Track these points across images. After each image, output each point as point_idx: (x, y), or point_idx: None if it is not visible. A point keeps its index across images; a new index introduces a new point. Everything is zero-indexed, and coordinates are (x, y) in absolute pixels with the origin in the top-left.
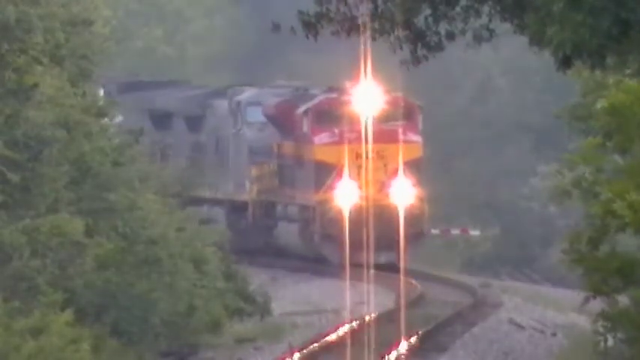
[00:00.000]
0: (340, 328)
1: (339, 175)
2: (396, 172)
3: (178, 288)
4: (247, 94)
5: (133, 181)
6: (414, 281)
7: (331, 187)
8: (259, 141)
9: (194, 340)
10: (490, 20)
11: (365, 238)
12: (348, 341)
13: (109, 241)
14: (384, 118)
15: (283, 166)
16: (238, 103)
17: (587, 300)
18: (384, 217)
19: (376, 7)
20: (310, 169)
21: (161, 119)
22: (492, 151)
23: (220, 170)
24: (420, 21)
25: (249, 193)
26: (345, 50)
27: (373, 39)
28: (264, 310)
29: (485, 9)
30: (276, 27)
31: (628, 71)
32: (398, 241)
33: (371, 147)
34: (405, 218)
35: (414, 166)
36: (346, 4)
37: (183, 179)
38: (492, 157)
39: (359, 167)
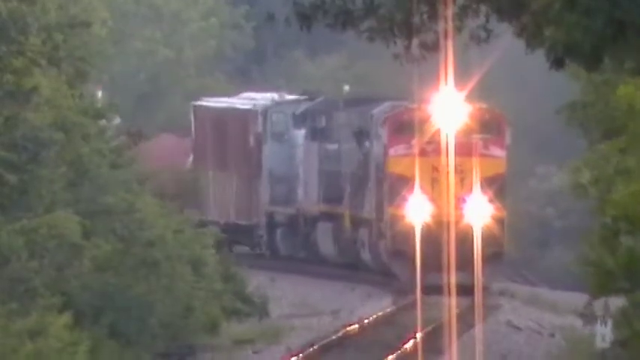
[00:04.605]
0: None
1: (413, 188)
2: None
3: (176, 290)
4: (379, 107)
5: (131, 183)
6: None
7: (404, 202)
8: (383, 157)
9: (192, 341)
10: (487, 20)
11: (437, 256)
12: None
13: (107, 243)
14: (467, 131)
15: None
16: (371, 117)
17: (591, 301)
18: (459, 235)
19: (372, 1)
20: (386, 182)
21: (358, 136)
22: None
23: (364, 189)
24: (416, 18)
25: (373, 211)
26: (343, 53)
27: (371, 39)
28: (262, 312)
29: (483, 9)
30: (271, 16)
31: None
32: (473, 261)
33: (449, 160)
34: (482, 237)
35: (495, 182)
36: None
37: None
38: None
39: (434, 181)
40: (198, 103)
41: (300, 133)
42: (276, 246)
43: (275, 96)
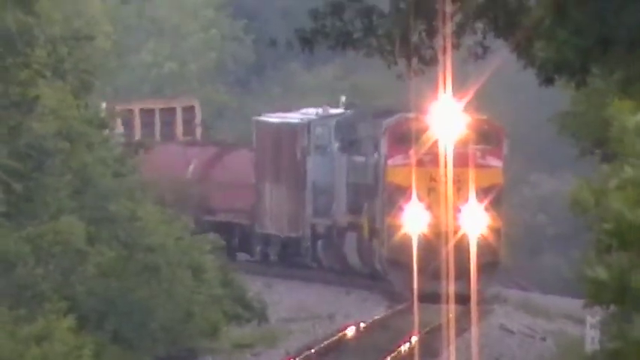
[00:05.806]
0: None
1: (410, 198)
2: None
3: (177, 294)
4: (391, 118)
5: (134, 191)
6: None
7: (401, 211)
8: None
9: (192, 346)
10: (484, 37)
11: (434, 265)
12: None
13: (111, 250)
14: (465, 141)
15: None
16: (380, 128)
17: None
18: (455, 244)
19: (371, 22)
20: (384, 192)
21: (376, 147)
22: None
23: (376, 199)
24: (414, 36)
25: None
26: (340, 64)
27: (369, 55)
28: (261, 317)
29: (480, 26)
30: (273, 42)
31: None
32: (469, 271)
33: (446, 171)
34: (478, 246)
35: (492, 192)
36: (341, 20)
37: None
38: None
39: (431, 191)
40: (259, 118)
41: (336, 146)
42: (319, 257)
43: (320, 109)
